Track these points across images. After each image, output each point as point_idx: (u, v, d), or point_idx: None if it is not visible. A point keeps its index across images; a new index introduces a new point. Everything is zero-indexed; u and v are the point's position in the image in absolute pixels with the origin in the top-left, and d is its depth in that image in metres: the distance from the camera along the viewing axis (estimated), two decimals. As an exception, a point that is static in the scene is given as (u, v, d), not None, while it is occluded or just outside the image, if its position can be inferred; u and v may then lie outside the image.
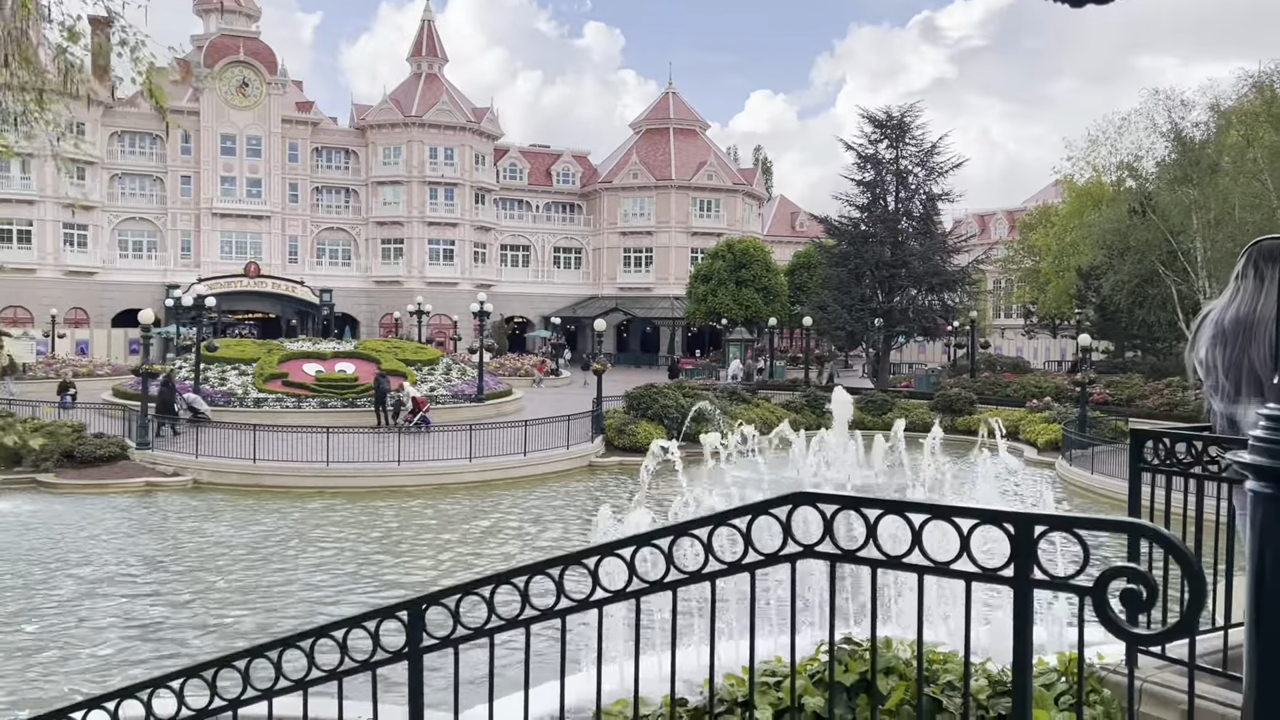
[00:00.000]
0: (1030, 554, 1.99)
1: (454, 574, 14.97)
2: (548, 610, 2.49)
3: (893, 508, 2.14)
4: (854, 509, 2.19)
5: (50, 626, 12.45)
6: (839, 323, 47.11)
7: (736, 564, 2.34)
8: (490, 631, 2.52)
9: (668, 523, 6.14)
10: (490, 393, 35.47)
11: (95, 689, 10.44)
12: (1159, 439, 3.70)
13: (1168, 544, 1.85)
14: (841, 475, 25.38)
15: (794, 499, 2.26)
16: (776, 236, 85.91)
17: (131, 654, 11.48)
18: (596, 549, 2.43)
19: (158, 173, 66.25)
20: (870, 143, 46.66)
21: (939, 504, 2.10)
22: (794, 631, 2.38)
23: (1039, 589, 1.97)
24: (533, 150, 79.60)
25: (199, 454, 23.11)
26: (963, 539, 2.06)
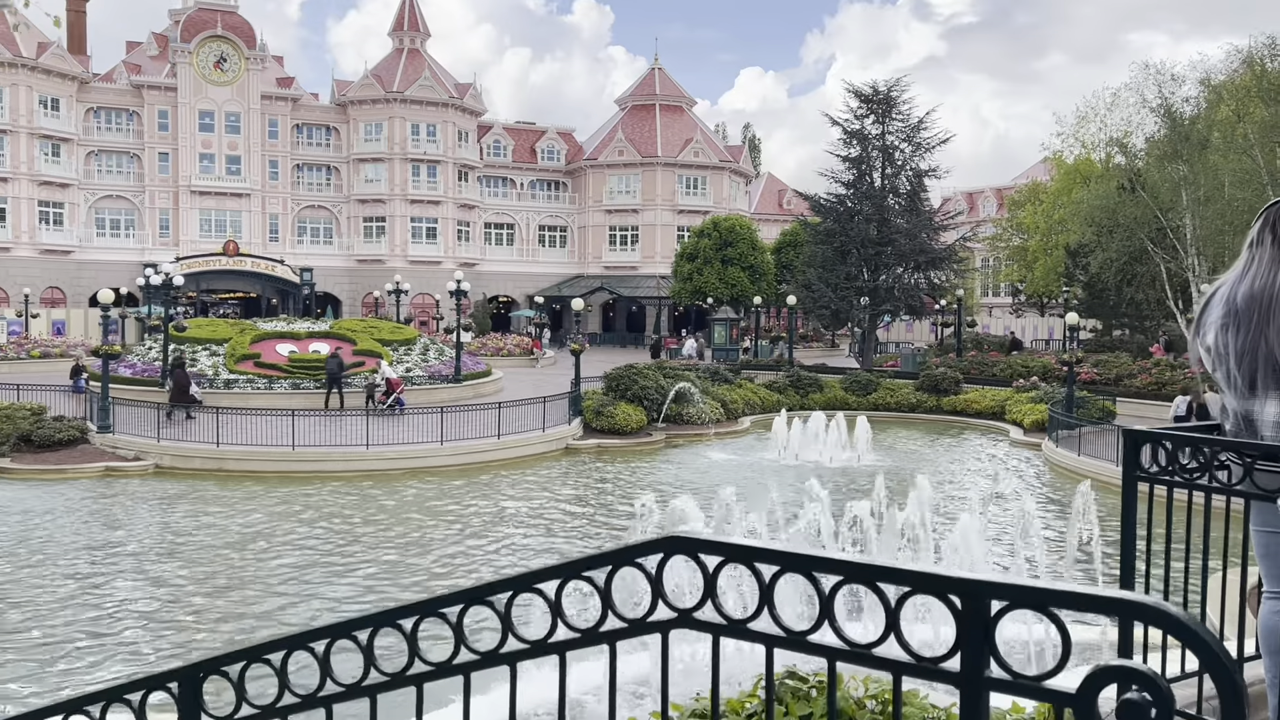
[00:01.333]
0: (985, 640, 1.35)
1: (392, 574, 14.35)
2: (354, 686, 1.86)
3: (795, 564, 1.51)
4: (744, 563, 1.56)
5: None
6: (824, 301, 46.49)
7: (592, 631, 1.71)
8: (282, 711, 1.90)
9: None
10: (469, 374, 34.78)
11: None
12: (1158, 442, 3.05)
13: (1193, 640, 1.22)
14: (823, 458, 24.88)
15: (666, 545, 1.63)
16: (764, 215, 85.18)
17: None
18: (373, 619, 1.81)
19: (135, 150, 65.06)
20: (856, 118, 45.88)
21: (858, 561, 1.46)
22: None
23: (997, 691, 1.35)
24: (517, 127, 78.50)
25: (160, 438, 22.40)
26: (890, 613, 1.44)
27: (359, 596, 12.96)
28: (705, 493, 19.90)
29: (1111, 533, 16.38)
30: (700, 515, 8.29)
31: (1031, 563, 11.02)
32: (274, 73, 69.49)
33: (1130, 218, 41.33)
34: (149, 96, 64.75)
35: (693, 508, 8.46)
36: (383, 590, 13.17)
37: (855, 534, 9.24)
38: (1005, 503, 18.56)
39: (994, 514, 17.00)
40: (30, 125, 59.81)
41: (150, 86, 64.70)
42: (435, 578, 13.87)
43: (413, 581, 13.68)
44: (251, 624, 11.76)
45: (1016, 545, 11.66)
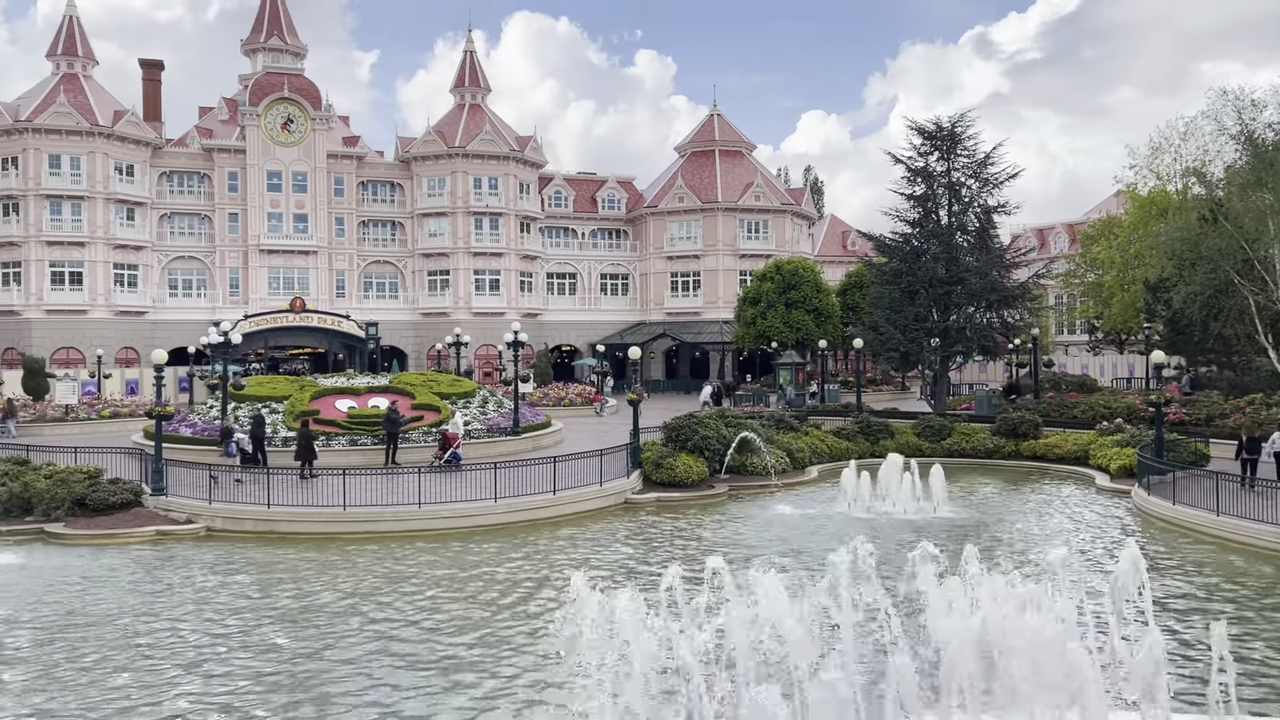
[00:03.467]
0: None
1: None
2: None
3: None
4: None
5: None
6: (892, 343, 44.99)
7: None
8: None
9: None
10: (527, 426, 34.19)
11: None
12: None
13: None
14: (896, 509, 23.57)
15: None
16: (828, 257, 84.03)
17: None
18: None
19: (206, 211, 66.66)
20: (920, 155, 44.67)
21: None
22: None
23: None
24: (578, 178, 78.87)
25: (212, 499, 22.08)
26: None
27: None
28: (770, 550, 18.81)
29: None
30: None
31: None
32: (340, 132, 70.91)
33: (1213, 249, 39.33)
34: (219, 159, 66.43)
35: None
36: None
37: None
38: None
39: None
40: (106, 190, 61.66)
41: (220, 149, 66.40)
42: (447, 668, 13.02)
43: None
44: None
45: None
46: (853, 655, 7.38)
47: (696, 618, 7.32)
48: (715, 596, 7.38)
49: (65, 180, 60.79)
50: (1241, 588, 16.26)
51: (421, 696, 11.51)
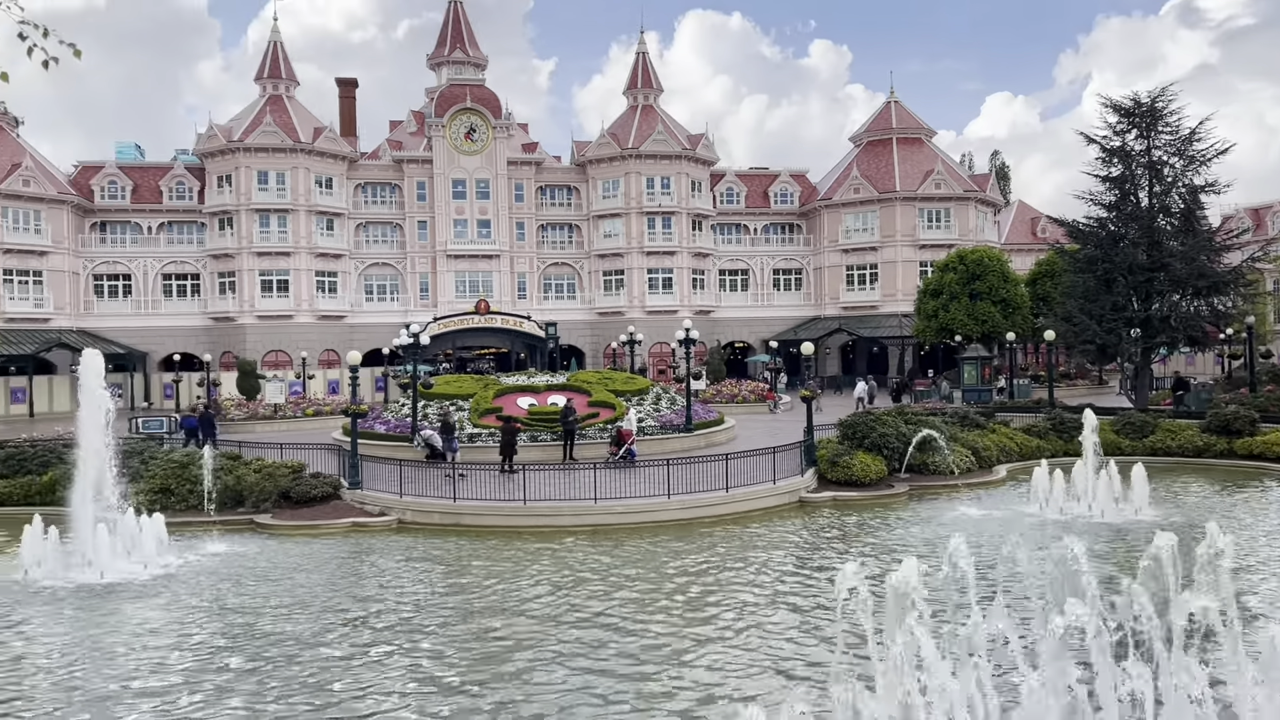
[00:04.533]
0: None
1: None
2: None
3: None
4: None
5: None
6: (1088, 335, 42.45)
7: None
8: None
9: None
10: (700, 423, 34.24)
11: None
12: None
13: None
14: (1093, 512, 22.13)
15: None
16: (1016, 244, 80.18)
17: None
18: None
19: (397, 220, 70.30)
20: (1116, 134, 41.94)
21: None
22: None
23: None
24: (750, 173, 78.45)
25: (403, 493, 23.21)
26: None
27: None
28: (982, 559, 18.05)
29: None
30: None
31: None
32: (519, 139, 73.27)
33: None
34: (408, 170, 69.92)
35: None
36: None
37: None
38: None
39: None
40: (308, 203, 66.00)
41: (409, 160, 69.87)
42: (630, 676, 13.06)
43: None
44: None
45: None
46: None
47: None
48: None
49: (272, 195, 65.49)
50: None
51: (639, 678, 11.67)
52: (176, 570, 18.29)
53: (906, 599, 6.58)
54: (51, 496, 23.69)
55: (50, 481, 24.56)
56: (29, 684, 12.34)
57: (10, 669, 12.92)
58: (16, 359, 57.57)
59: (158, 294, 66.89)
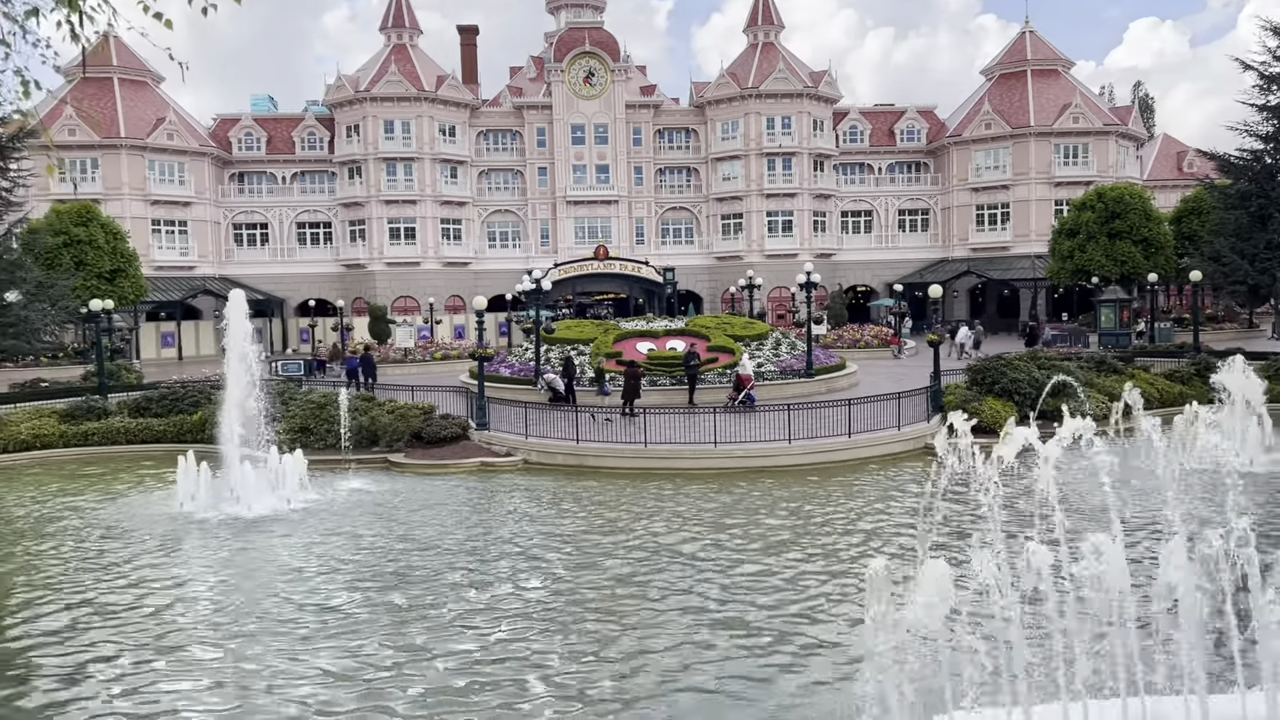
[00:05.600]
0: None
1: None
2: None
3: None
4: None
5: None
6: (1238, 275, 40.04)
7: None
8: None
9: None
10: (820, 368, 33.80)
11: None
12: None
13: None
14: (1240, 460, 21.00)
15: None
16: (1159, 181, 75.79)
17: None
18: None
19: (518, 167, 71.05)
20: (1275, 58, 38.98)
21: None
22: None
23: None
24: (875, 110, 76.09)
25: (528, 435, 23.75)
26: None
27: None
28: (1089, 500, 17.45)
29: None
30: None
31: None
32: (637, 82, 72.79)
33: None
34: (528, 116, 70.40)
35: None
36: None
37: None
38: None
39: None
40: (433, 151, 67.31)
41: (529, 107, 70.32)
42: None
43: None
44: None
45: None
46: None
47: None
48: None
49: (398, 143, 66.99)
50: None
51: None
52: (318, 505, 19.25)
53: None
54: (201, 434, 25.15)
55: (200, 420, 26.07)
56: (192, 597, 13.26)
57: (175, 588, 13.91)
58: (165, 305, 61.07)
59: (292, 242, 69.59)
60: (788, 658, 10.85)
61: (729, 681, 10.23)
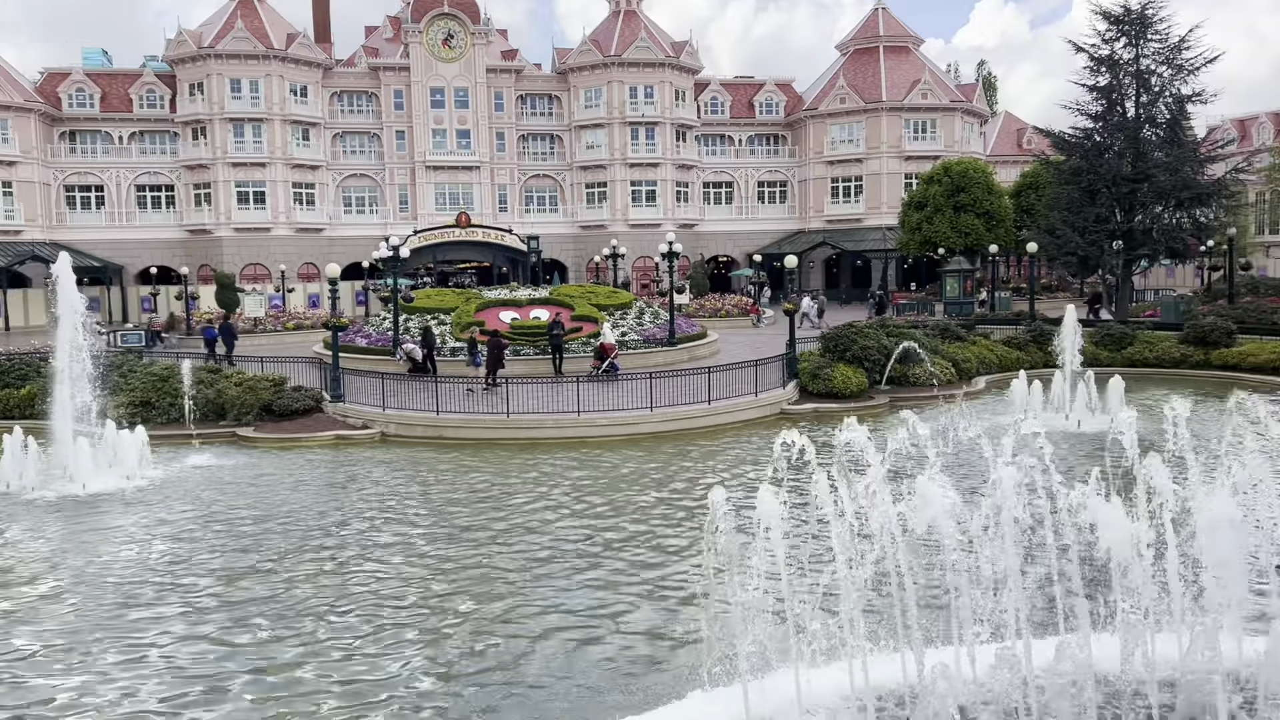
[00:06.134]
0: None
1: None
2: None
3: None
4: None
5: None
6: (1070, 247, 42.47)
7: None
8: None
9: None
10: (683, 336, 34.28)
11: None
12: None
13: None
14: (1070, 422, 22.43)
15: None
16: (1001, 156, 79.59)
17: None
18: None
19: (374, 130, 68.88)
20: (1104, 41, 41.30)
21: None
22: None
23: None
24: (735, 82, 77.05)
25: (386, 407, 23.23)
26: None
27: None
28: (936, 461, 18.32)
29: None
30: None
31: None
32: (499, 46, 71.49)
33: None
34: (385, 78, 68.25)
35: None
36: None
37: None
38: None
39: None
40: (283, 112, 64.51)
41: (386, 68, 68.16)
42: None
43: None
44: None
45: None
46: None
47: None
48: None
49: (246, 103, 63.90)
50: None
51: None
52: (159, 481, 18.35)
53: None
54: (30, 410, 23.57)
55: (29, 395, 24.42)
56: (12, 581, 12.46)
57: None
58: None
59: (132, 206, 65.65)
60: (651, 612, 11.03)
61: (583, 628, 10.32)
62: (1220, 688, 5.81)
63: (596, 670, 9.75)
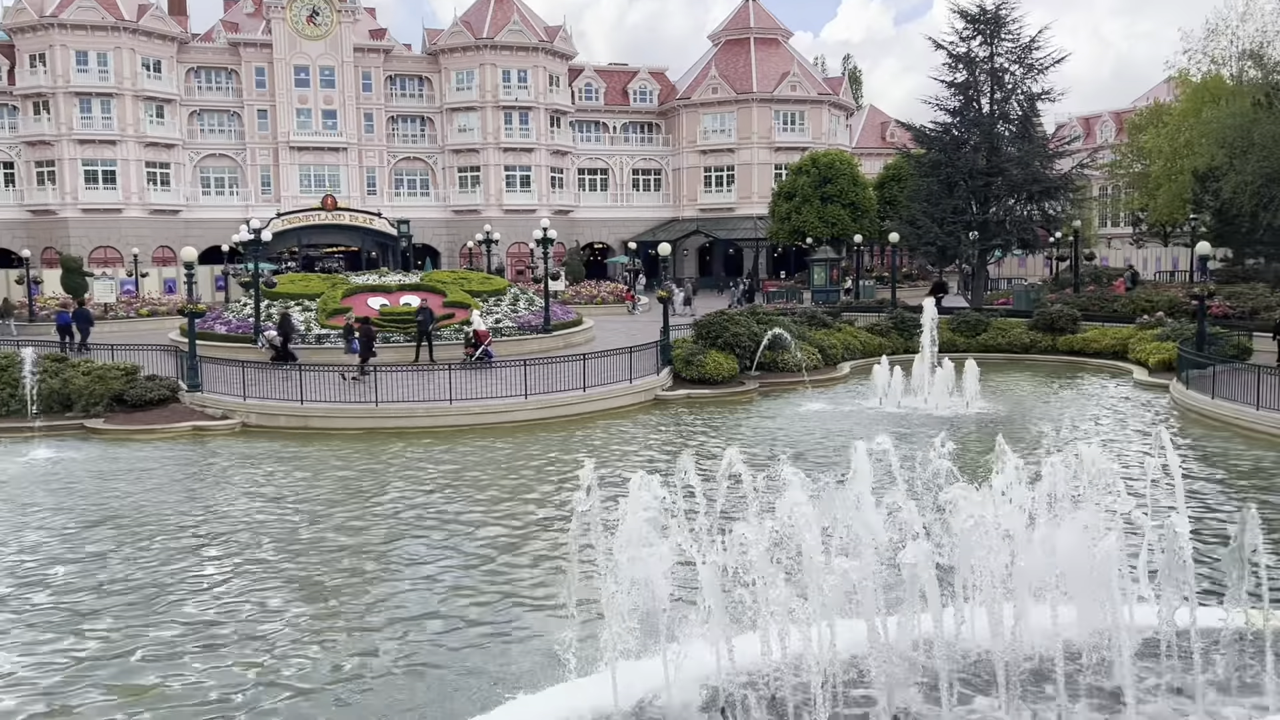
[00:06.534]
0: None
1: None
2: None
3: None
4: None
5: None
6: (929, 237, 44.21)
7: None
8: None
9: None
10: (558, 323, 34.18)
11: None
12: None
13: None
14: (929, 405, 23.41)
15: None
16: (866, 149, 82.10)
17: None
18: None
19: (235, 108, 66.10)
20: (962, 40, 43.07)
21: None
22: None
23: None
24: (609, 69, 77.06)
25: (247, 396, 22.39)
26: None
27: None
28: (798, 446, 18.81)
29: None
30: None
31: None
32: (366, 25, 69.53)
33: (1267, 136, 37.94)
34: (246, 54, 65.52)
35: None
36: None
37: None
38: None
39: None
40: (135, 88, 61.18)
41: (247, 44, 65.43)
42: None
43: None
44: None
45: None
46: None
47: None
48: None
49: (93, 77, 60.35)
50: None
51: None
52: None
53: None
54: None
55: None
56: None
57: None
58: None
59: (-36, 184, 61.23)
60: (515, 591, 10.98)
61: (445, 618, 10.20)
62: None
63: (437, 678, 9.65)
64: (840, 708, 6.51)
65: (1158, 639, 7.07)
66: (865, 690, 6.78)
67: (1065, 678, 6.64)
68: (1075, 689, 6.80)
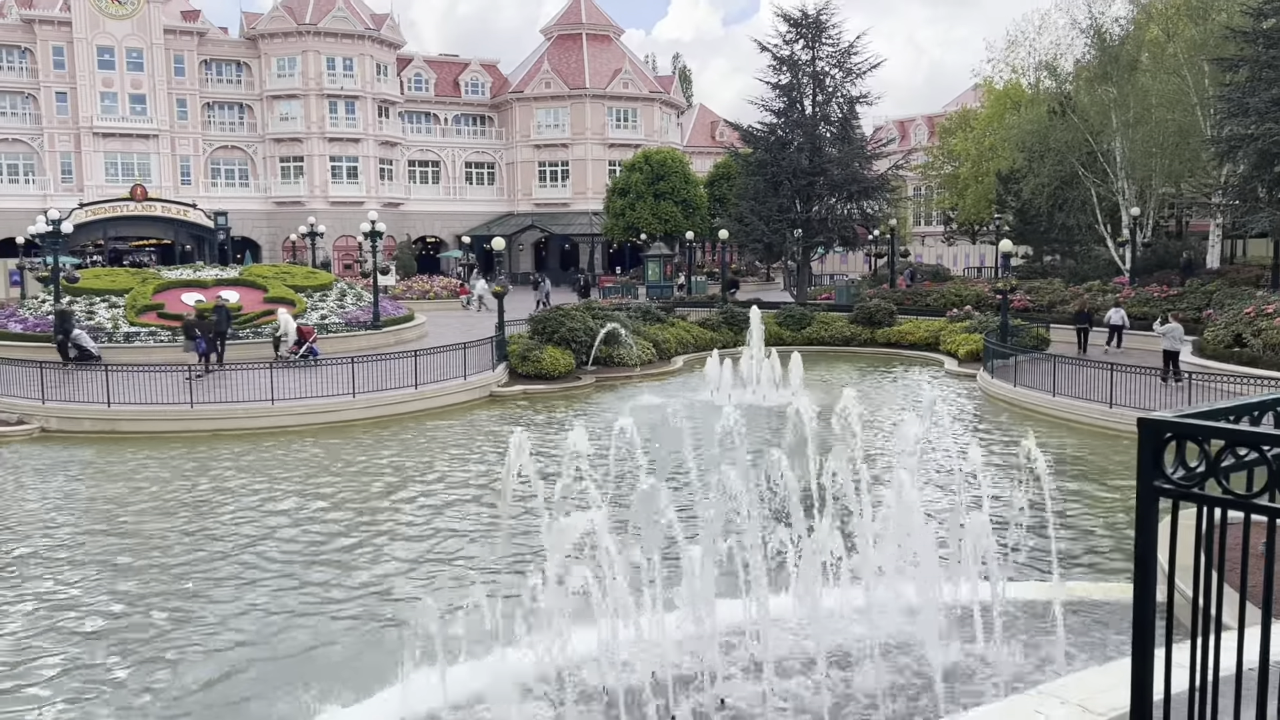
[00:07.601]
0: None
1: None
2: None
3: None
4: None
5: None
6: (757, 234, 45.52)
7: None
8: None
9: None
10: (389, 319, 33.31)
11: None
12: (1199, 439, 1.94)
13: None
14: (757, 397, 24.14)
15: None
16: (696, 147, 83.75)
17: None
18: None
19: (30, 89, 61.22)
20: (786, 43, 44.51)
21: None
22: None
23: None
24: (439, 60, 75.63)
25: (45, 399, 20.77)
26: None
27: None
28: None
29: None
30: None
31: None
32: (178, 5, 65.74)
33: (1061, 142, 40.96)
34: (41, 32, 60.75)
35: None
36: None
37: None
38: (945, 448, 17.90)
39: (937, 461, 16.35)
40: (-91, 64, 55.80)
41: (43, 21, 60.68)
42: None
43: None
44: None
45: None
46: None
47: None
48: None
49: None
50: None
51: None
52: None
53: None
54: None
55: None
56: None
57: None
58: None
59: None
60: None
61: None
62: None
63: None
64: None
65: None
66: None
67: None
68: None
